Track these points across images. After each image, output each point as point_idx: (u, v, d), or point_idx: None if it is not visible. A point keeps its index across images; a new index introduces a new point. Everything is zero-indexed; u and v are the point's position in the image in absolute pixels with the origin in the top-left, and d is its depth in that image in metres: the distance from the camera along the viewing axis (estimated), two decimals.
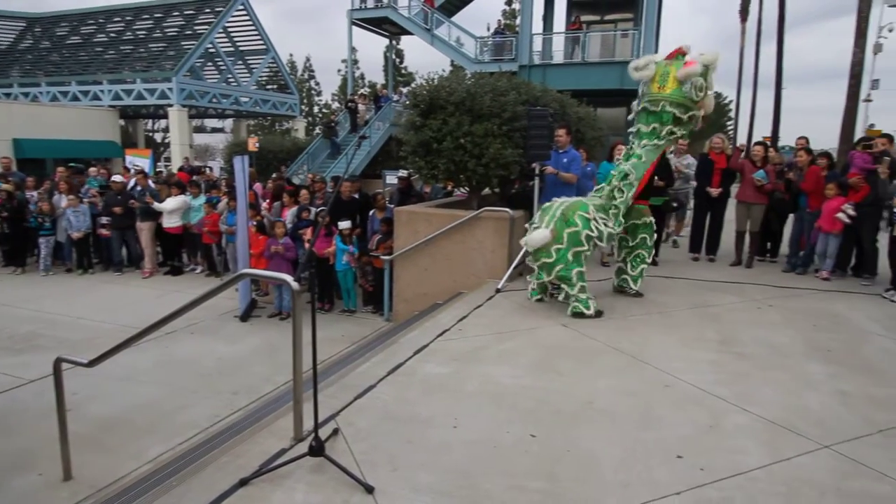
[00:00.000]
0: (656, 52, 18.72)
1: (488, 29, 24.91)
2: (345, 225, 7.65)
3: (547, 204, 5.45)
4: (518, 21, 19.96)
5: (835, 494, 2.58)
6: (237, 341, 6.65)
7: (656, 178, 6.74)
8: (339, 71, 47.22)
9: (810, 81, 73.25)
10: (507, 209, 6.59)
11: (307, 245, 7.44)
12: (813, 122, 70.60)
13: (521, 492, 2.60)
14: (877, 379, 3.89)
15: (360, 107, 20.06)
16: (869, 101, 22.98)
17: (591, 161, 7.69)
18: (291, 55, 50.20)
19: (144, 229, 9.72)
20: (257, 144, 17.59)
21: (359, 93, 23.18)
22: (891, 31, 22.45)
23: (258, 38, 25.24)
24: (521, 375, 3.88)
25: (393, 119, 18.67)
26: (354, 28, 21.12)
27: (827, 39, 73.06)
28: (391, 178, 13.99)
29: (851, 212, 6.40)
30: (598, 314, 5.22)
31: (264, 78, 27.02)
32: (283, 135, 34.00)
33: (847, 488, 2.63)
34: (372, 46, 60.29)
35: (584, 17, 20.09)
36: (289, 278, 2.98)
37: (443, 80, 7.20)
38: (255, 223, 7.99)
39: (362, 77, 46.55)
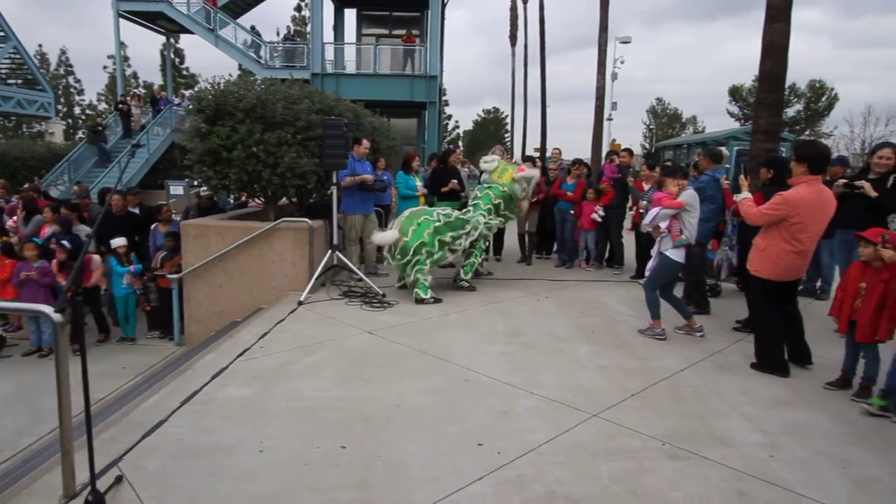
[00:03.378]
0: (441, 66, 19.93)
1: (278, 34, 24.14)
2: (118, 242, 6.78)
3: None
4: (309, 28, 19.68)
5: (603, 454, 3.04)
6: None
7: (455, 181, 7.43)
8: (105, 68, 41.62)
9: (569, 101, 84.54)
10: (305, 219, 6.47)
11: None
12: (572, 136, 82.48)
13: None
14: (628, 352, 4.68)
15: (134, 109, 17.97)
16: (611, 119, 27.36)
17: (388, 171, 7.92)
18: (41, 46, 42.79)
19: None
20: None
21: (131, 93, 20.69)
22: (622, 62, 27.14)
23: None
24: (329, 387, 3.85)
25: (175, 124, 17.07)
26: (123, 21, 18.83)
27: (578, 66, 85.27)
28: (176, 189, 12.81)
29: (602, 212, 7.63)
30: (436, 301, 6.07)
31: (4, 71, 22.57)
32: (33, 139, 28.78)
33: (611, 447, 3.12)
34: (146, 42, 54.31)
35: (373, 31, 20.63)
36: (47, 309, 2.54)
37: (230, 84, 6.79)
38: None
39: (135, 76, 41.64)
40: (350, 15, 20.93)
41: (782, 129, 10.29)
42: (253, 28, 19.88)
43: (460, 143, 50.75)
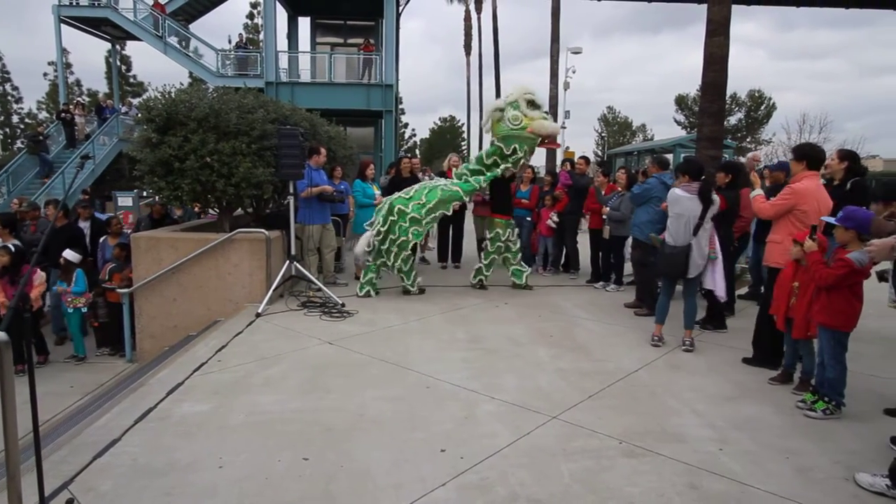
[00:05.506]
0: (397, 75, 19.97)
1: (230, 42, 23.71)
2: (74, 256, 6.54)
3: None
4: (262, 36, 19.42)
5: (562, 455, 3.12)
6: None
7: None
8: (45, 75, 39.76)
9: None
10: (262, 230, 6.38)
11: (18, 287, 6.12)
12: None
13: None
14: (585, 355, 4.80)
15: (78, 118, 17.31)
16: (564, 127, 27.96)
17: (344, 180, 7.89)
18: None
19: None
20: None
21: (75, 101, 19.93)
22: (574, 72, 27.80)
23: None
24: (290, 399, 3.81)
25: (122, 134, 16.56)
26: (65, 27, 18.15)
27: (532, 76, 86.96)
28: (124, 200, 12.43)
29: (556, 219, 7.81)
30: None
31: None
32: None
33: (571, 448, 3.20)
34: (91, 49, 52.21)
35: (328, 40, 20.54)
36: None
37: (181, 93, 6.66)
38: None
39: (78, 83, 39.98)
40: (304, 23, 20.80)
41: (725, 136, 10.77)
42: (185, 26, 19.25)
43: (417, 152, 50.87)
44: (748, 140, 39.78)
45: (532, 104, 6.43)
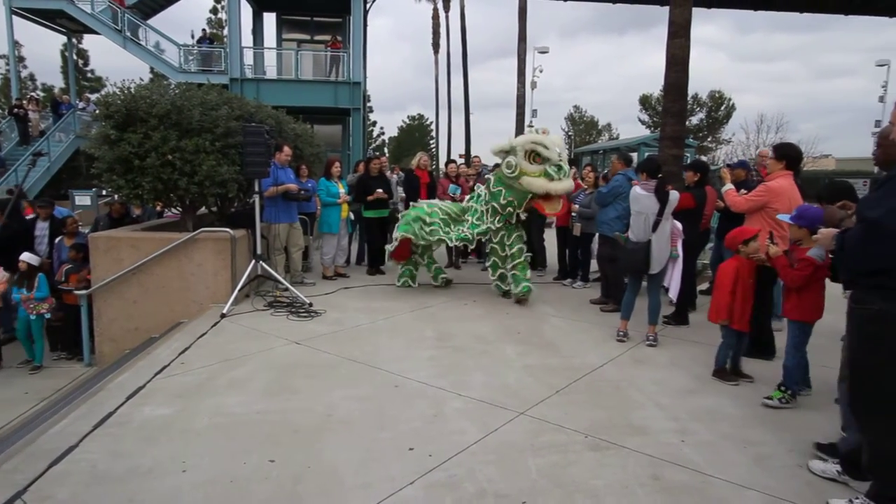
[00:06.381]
0: (364, 73, 19.80)
1: (192, 37, 23.18)
2: (32, 259, 6.30)
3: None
4: (226, 32, 19.04)
5: (530, 450, 3.16)
6: None
7: (381, 190, 7.50)
8: None
9: (491, 108, 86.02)
10: (227, 229, 6.26)
11: None
12: (495, 142, 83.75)
13: None
14: (552, 351, 4.86)
15: (32, 114, 16.70)
16: (531, 126, 28.15)
17: (311, 178, 7.80)
18: None
19: None
20: None
21: (29, 97, 19.22)
22: (541, 72, 28.01)
23: None
24: (256, 401, 3.75)
25: (80, 130, 16.04)
26: (18, 19, 17.46)
27: (500, 75, 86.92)
28: (82, 199, 12.06)
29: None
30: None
31: None
32: None
33: (538, 443, 3.24)
34: (45, 42, 50.15)
35: (294, 36, 20.26)
36: None
37: (141, 88, 6.48)
38: None
39: (32, 78, 38.49)
40: (270, 19, 20.44)
41: (687, 135, 11.02)
42: (144, 20, 18.68)
43: (386, 150, 50.63)
44: (709, 139, 40.78)
45: (536, 157, 5.93)
